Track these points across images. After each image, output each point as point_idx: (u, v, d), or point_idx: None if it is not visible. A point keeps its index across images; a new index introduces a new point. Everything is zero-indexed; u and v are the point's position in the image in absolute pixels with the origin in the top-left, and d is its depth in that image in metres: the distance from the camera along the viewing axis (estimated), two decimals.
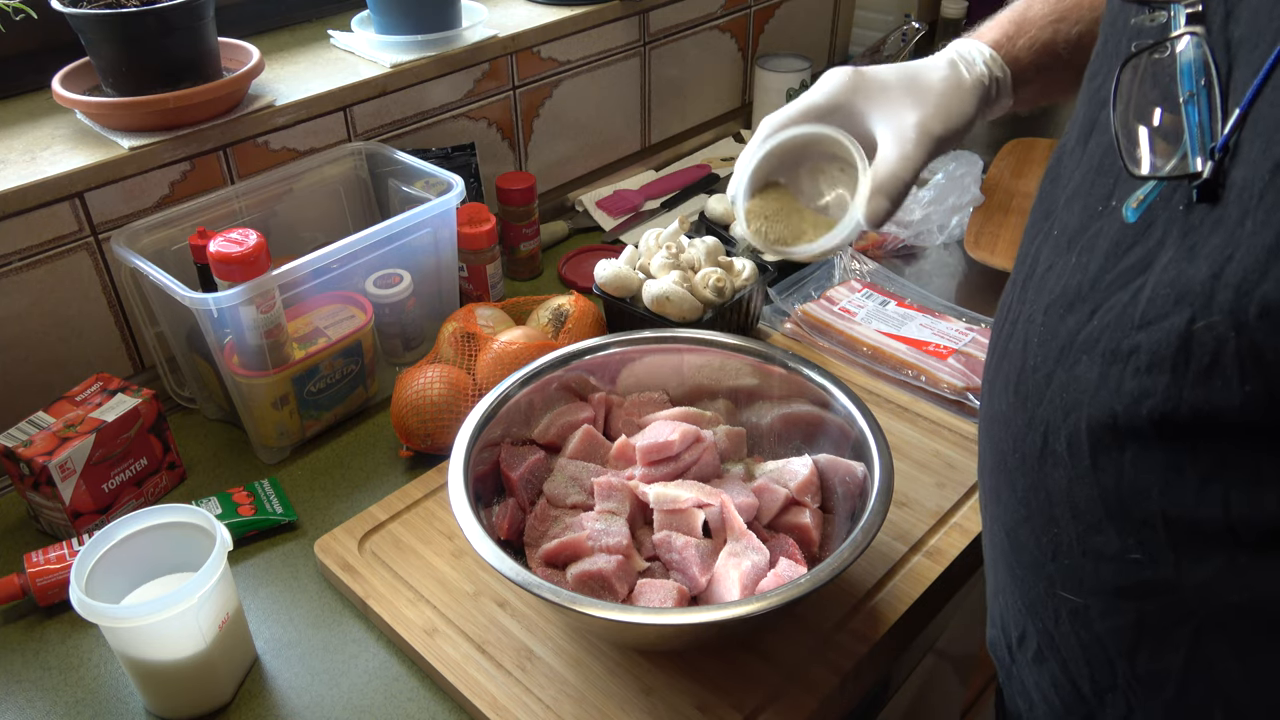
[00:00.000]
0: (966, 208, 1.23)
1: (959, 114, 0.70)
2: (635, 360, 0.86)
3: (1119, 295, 0.44)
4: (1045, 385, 0.47)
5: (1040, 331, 0.49)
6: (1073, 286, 0.48)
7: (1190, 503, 0.41)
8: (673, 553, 0.72)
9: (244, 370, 0.89)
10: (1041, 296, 0.50)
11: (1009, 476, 0.52)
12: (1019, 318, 0.52)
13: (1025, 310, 0.52)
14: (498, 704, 0.69)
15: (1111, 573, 0.45)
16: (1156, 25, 0.45)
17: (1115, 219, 0.46)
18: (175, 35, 0.94)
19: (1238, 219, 0.38)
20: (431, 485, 0.87)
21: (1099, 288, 0.46)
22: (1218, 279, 0.38)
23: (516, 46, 1.22)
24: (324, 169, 1.07)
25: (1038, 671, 0.56)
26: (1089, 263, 0.47)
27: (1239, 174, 0.38)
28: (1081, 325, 0.46)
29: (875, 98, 0.71)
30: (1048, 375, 0.47)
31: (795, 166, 0.74)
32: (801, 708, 0.69)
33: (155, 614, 0.66)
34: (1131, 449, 0.42)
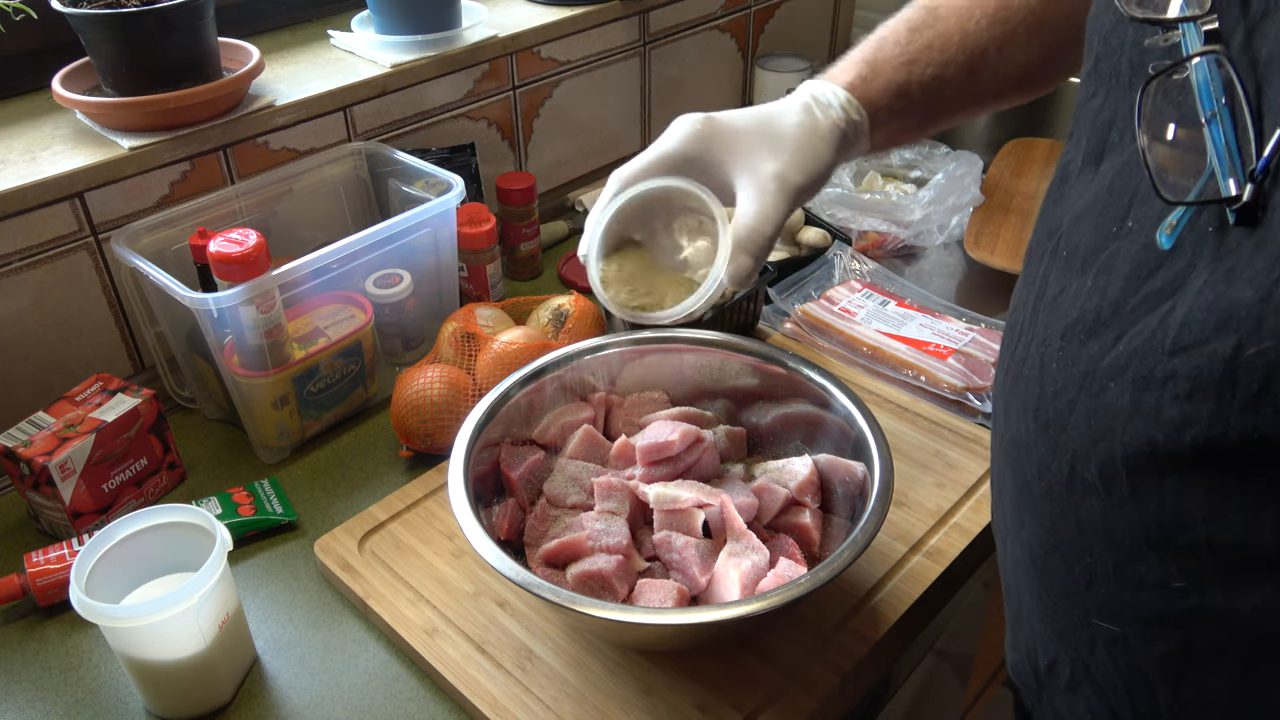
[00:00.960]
0: (966, 208, 1.23)
1: (816, 161, 0.67)
2: (635, 360, 0.86)
3: (1147, 320, 0.42)
4: (1069, 412, 0.46)
5: (1059, 356, 0.48)
6: (1091, 310, 0.46)
7: (1239, 529, 0.40)
8: (673, 553, 0.72)
9: (244, 370, 0.89)
10: (1056, 319, 0.49)
11: (1034, 503, 0.51)
12: (1032, 340, 0.51)
13: (1039, 333, 0.50)
14: (498, 704, 0.69)
15: (1153, 601, 0.44)
16: (1169, 45, 0.43)
17: (1134, 240, 0.44)
18: (175, 35, 0.94)
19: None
20: (431, 485, 0.87)
21: (1123, 312, 0.44)
22: (1266, 302, 0.37)
23: (516, 46, 1.22)
24: (324, 169, 1.07)
25: (1072, 699, 0.55)
26: (1108, 286, 0.45)
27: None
28: (1106, 351, 0.45)
29: (730, 146, 0.68)
30: (1070, 402, 0.46)
31: (651, 220, 0.71)
32: (801, 708, 0.69)
33: (155, 614, 0.66)
34: (1173, 477, 0.41)
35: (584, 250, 0.71)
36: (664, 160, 0.69)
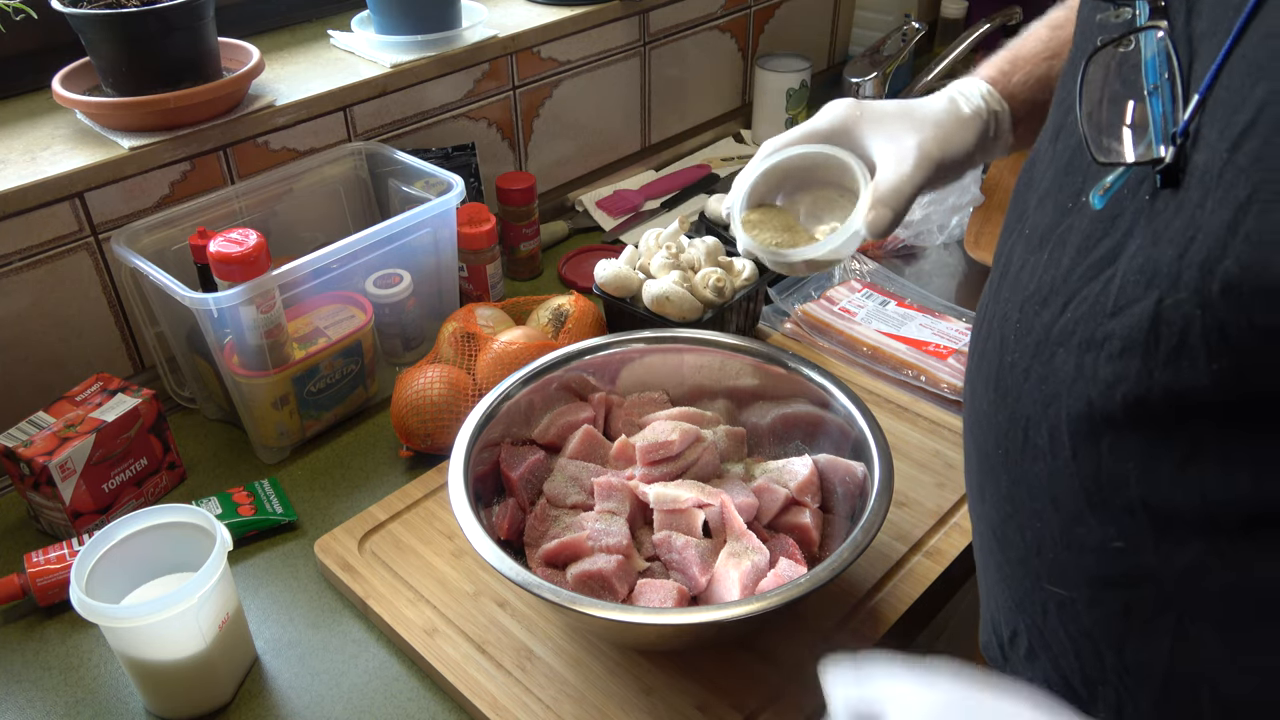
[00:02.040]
0: (966, 208, 1.23)
1: (958, 141, 0.71)
2: (635, 360, 0.86)
3: (1091, 286, 0.45)
4: (1023, 380, 0.48)
5: (1016, 328, 0.50)
6: (1046, 282, 0.48)
7: (1168, 489, 0.41)
8: (673, 553, 0.72)
9: (244, 370, 0.89)
10: (1016, 294, 0.51)
11: (993, 474, 0.53)
12: (994, 316, 0.53)
13: (1000, 309, 0.52)
14: (498, 704, 0.69)
15: (1095, 563, 0.46)
16: (1121, 21, 0.46)
17: (1085, 214, 0.47)
18: (175, 35, 0.94)
19: (1198, 200, 0.39)
20: (431, 485, 0.87)
21: (1071, 280, 0.46)
22: (1182, 259, 0.39)
23: (516, 46, 1.22)
24: (324, 169, 1.07)
25: (1030, 669, 0.56)
26: (1061, 257, 0.48)
27: (1199, 158, 0.40)
28: (1055, 318, 0.47)
29: (875, 124, 0.72)
30: (1025, 370, 0.48)
31: (794, 192, 0.74)
32: (801, 708, 0.69)
33: (155, 614, 0.66)
34: (1108, 437, 0.43)
35: (728, 204, 0.75)
36: (814, 134, 0.73)
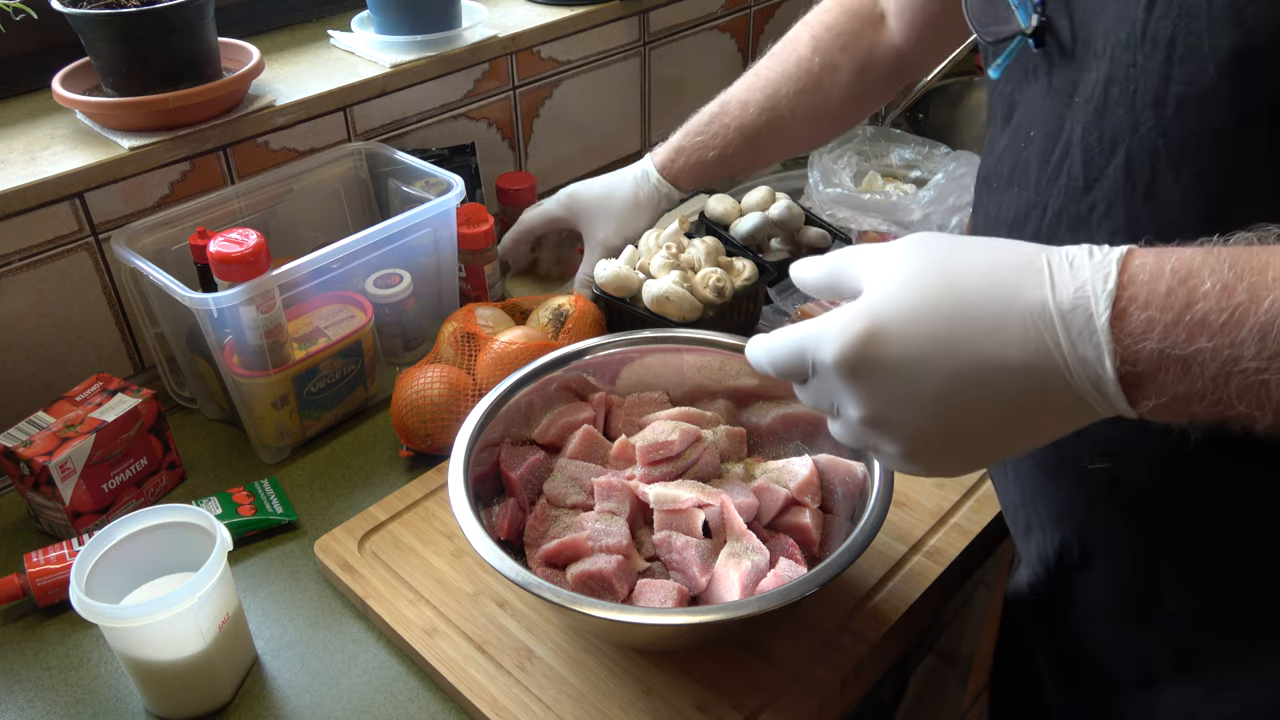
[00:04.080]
0: (966, 208, 1.23)
1: (635, 225, 1.04)
2: (635, 360, 0.86)
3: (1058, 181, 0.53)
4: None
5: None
6: (1023, 209, 0.56)
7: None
8: (673, 553, 0.72)
9: (244, 370, 0.89)
10: (996, 231, 0.59)
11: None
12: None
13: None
14: (498, 704, 0.69)
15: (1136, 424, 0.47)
16: None
17: (1037, 147, 0.55)
18: (175, 35, 0.94)
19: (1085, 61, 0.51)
20: (431, 485, 0.87)
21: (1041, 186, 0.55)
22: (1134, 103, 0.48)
23: (516, 46, 1.22)
24: (324, 169, 1.07)
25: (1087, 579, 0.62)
26: (1028, 180, 0.56)
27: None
28: (1039, 226, 0.55)
29: (580, 215, 1.06)
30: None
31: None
32: (801, 708, 0.69)
33: (155, 614, 0.66)
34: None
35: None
36: (546, 214, 1.09)
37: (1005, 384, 0.44)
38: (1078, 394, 0.43)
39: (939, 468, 0.49)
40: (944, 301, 0.45)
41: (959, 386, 0.45)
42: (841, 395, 0.48)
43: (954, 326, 0.44)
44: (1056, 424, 0.45)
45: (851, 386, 0.47)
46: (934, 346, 0.45)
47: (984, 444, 0.47)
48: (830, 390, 0.49)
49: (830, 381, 0.48)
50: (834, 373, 0.47)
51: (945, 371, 0.44)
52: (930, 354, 0.45)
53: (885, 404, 0.47)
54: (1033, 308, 0.43)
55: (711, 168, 0.99)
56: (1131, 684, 0.62)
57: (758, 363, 0.53)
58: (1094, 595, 0.62)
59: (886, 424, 0.47)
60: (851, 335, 0.46)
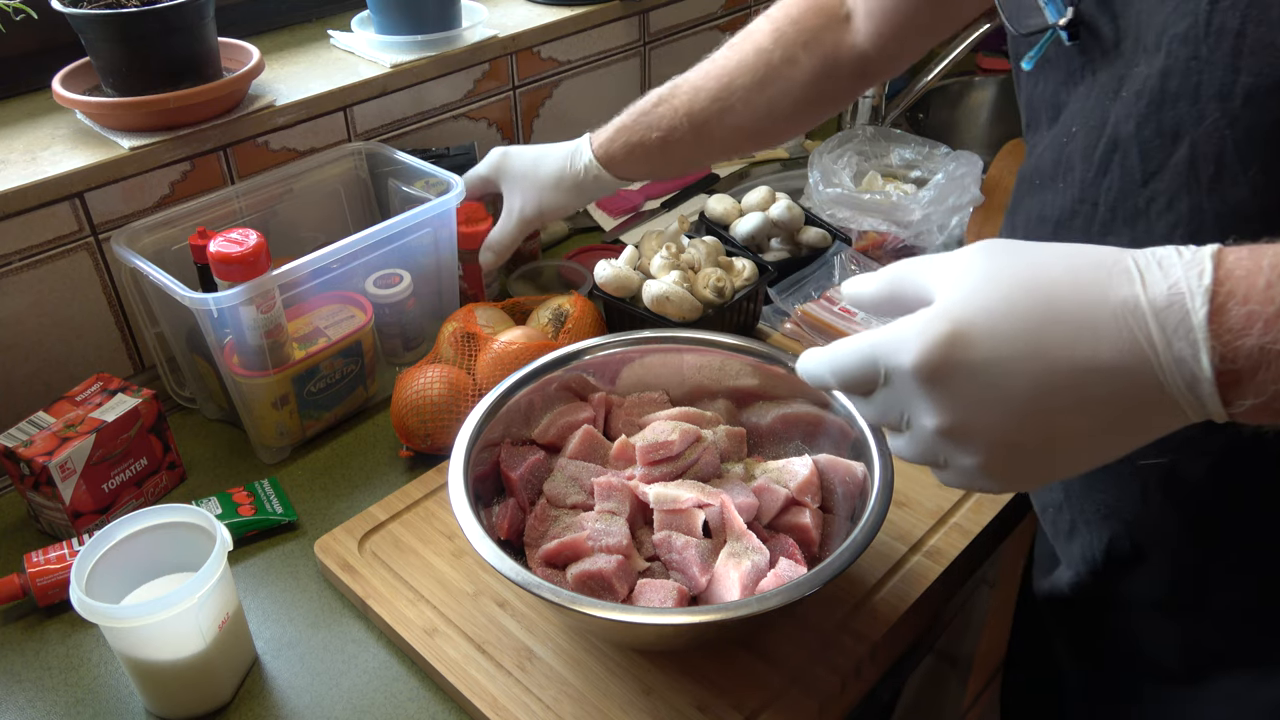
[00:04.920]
0: (966, 208, 1.23)
1: (552, 203, 1.00)
2: (635, 360, 0.86)
3: (1108, 177, 0.54)
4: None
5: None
6: (1066, 205, 0.57)
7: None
8: (673, 553, 0.72)
9: (244, 370, 0.89)
10: (1034, 231, 0.60)
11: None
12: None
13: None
14: (498, 704, 0.69)
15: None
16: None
17: (1080, 141, 0.55)
18: (175, 35, 0.94)
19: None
20: (431, 485, 0.87)
21: (1086, 183, 0.55)
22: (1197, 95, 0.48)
23: (516, 46, 1.22)
24: (324, 169, 1.07)
25: (1133, 578, 0.63)
26: (1072, 178, 0.56)
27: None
28: (1089, 224, 0.55)
29: (507, 178, 1.03)
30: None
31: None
32: (801, 708, 0.69)
33: (155, 614, 0.66)
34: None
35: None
36: (476, 177, 1.05)
37: (1096, 387, 0.42)
38: (1171, 396, 0.41)
39: (1015, 479, 0.47)
40: (1029, 301, 0.43)
41: (1048, 390, 0.42)
42: (917, 404, 0.46)
43: (1042, 327, 0.42)
44: (1144, 430, 0.43)
45: (930, 394, 0.45)
46: (1021, 348, 0.43)
47: (1066, 453, 0.45)
48: (903, 400, 0.46)
49: (905, 389, 0.46)
50: (912, 379, 0.45)
51: (1033, 374, 0.42)
52: (1018, 355, 0.43)
53: (967, 411, 0.44)
54: (1125, 304, 0.41)
55: (653, 153, 0.93)
56: (1178, 676, 0.62)
57: (817, 376, 0.51)
58: (1144, 591, 0.62)
59: (965, 433, 0.45)
60: (933, 338, 0.44)
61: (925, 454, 0.48)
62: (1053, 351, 0.42)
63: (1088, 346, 0.41)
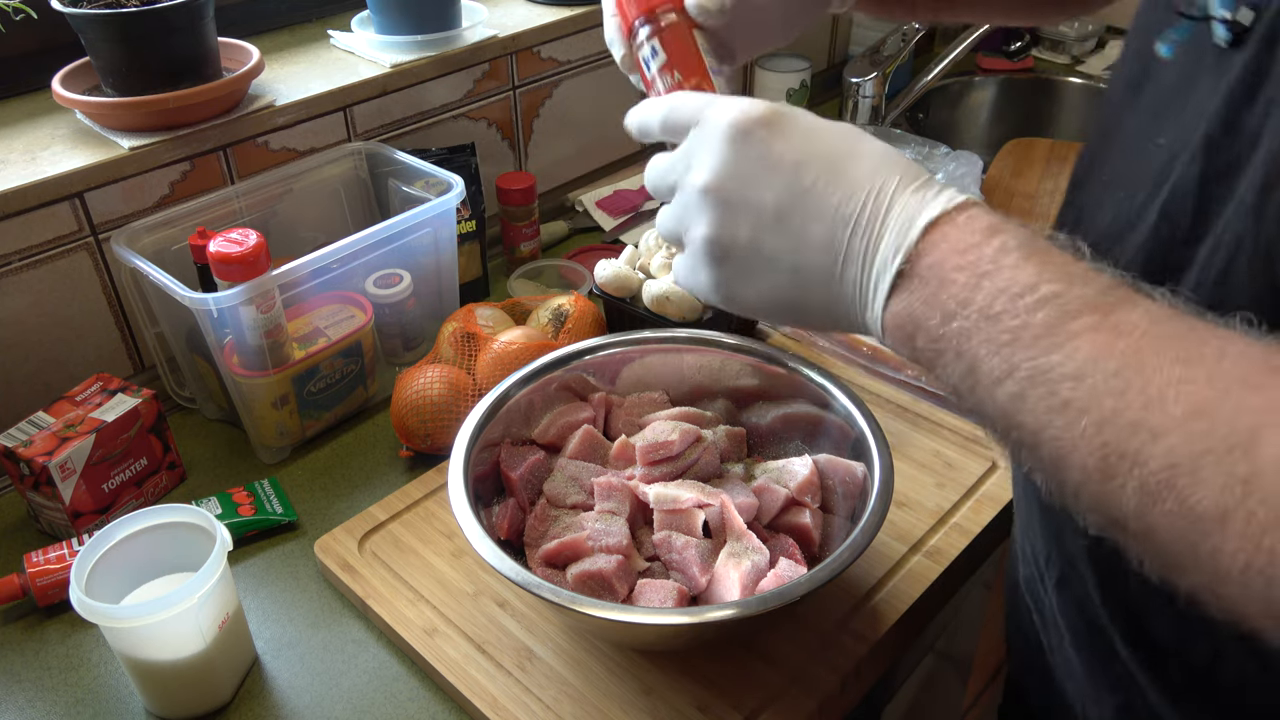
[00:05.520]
0: None
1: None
2: (635, 360, 0.86)
3: (1165, 221, 0.47)
4: None
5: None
6: (1121, 218, 0.51)
7: None
8: (673, 553, 0.72)
9: (244, 370, 0.89)
10: (1090, 237, 0.52)
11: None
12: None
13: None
14: (498, 704, 0.69)
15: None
16: None
17: (1159, 156, 0.49)
18: (175, 35, 0.94)
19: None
20: (431, 485, 0.87)
21: (1145, 216, 0.48)
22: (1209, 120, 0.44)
23: (516, 46, 1.22)
24: (324, 169, 1.07)
25: (1060, 598, 0.59)
26: (1134, 194, 0.50)
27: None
28: (1134, 254, 0.49)
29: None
30: None
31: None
32: (801, 708, 0.69)
33: (155, 614, 0.66)
34: None
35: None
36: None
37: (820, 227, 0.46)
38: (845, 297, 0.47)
39: (722, 270, 0.50)
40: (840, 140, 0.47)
41: (800, 199, 0.47)
42: (706, 156, 0.49)
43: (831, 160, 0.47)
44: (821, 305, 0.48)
45: (722, 149, 0.48)
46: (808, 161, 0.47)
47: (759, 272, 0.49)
48: (698, 151, 0.49)
49: (704, 140, 0.49)
50: (719, 130, 0.48)
51: (800, 183, 0.46)
52: (800, 160, 0.47)
53: (738, 178, 0.47)
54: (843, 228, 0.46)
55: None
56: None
57: (647, 118, 0.54)
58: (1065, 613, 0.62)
59: (721, 198, 0.48)
60: (757, 108, 0.48)
61: (679, 214, 0.51)
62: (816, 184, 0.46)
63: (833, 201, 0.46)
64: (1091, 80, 1.63)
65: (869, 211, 0.45)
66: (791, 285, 0.48)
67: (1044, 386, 0.39)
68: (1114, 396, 0.37)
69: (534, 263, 1.20)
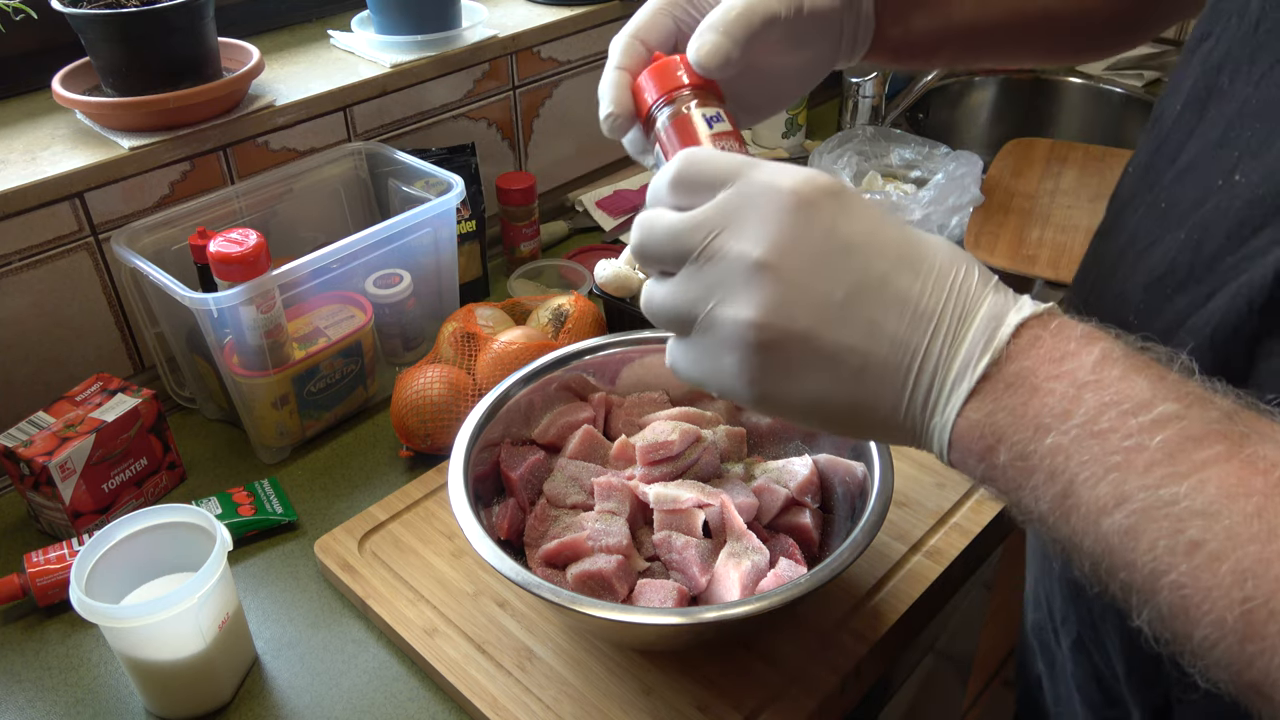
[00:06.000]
0: (966, 208, 1.23)
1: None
2: (635, 360, 0.86)
3: (1244, 279, 0.41)
4: None
5: (1139, 309, 0.47)
6: (1184, 264, 0.45)
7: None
8: (673, 553, 0.72)
9: (244, 370, 0.89)
10: (1140, 273, 0.48)
11: None
12: (1107, 292, 0.50)
13: (1118, 286, 0.49)
14: (498, 704, 0.69)
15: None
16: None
17: (1238, 195, 0.43)
18: (175, 35, 0.94)
19: None
20: (431, 485, 0.87)
21: (1218, 270, 0.42)
22: None
23: (516, 46, 1.22)
24: (324, 169, 1.07)
25: (1075, 661, 0.56)
26: (1203, 240, 0.44)
27: None
28: (1196, 307, 0.43)
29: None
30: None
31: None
32: (801, 708, 0.69)
33: (155, 614, 0.66)
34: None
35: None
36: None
37: (897, 321, 0.41)
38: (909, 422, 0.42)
39: (763, 363, 0.42)
40: (906, 225, 0.43)
41: (875, 288, 0.41)
42: (757, 225, 0.41)
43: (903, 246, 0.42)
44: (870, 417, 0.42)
45: (784, 220, 0.41)
46: (882, 245, 0.41)
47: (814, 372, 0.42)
48: (741, 216, 0.42)
49: (755, 206, 0.41)
50: (779, 198, 0.41)
51: (874, 270, 0.41)
52: (869, 246, 0.41)
53: (801, 257, 0.41)
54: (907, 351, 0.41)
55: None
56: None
57: (675, 165, 0.45)
58: (1078, 679, 0.59)
59: (776, 278, 0.41)
60: (821, 178, 0.42)
61: (699, 290, 0.43)
62: (894, 272, 0.41)
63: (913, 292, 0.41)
64: (1091, 80, 1.63)
65: (953, 305, 0.40)
66: (849, 386, 0.41)
67: (1166, 522, 0.33)
68: (1258, 543, 0.32)
69: (534, 263, 1.20)
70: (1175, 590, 0.33)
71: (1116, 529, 0.35)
